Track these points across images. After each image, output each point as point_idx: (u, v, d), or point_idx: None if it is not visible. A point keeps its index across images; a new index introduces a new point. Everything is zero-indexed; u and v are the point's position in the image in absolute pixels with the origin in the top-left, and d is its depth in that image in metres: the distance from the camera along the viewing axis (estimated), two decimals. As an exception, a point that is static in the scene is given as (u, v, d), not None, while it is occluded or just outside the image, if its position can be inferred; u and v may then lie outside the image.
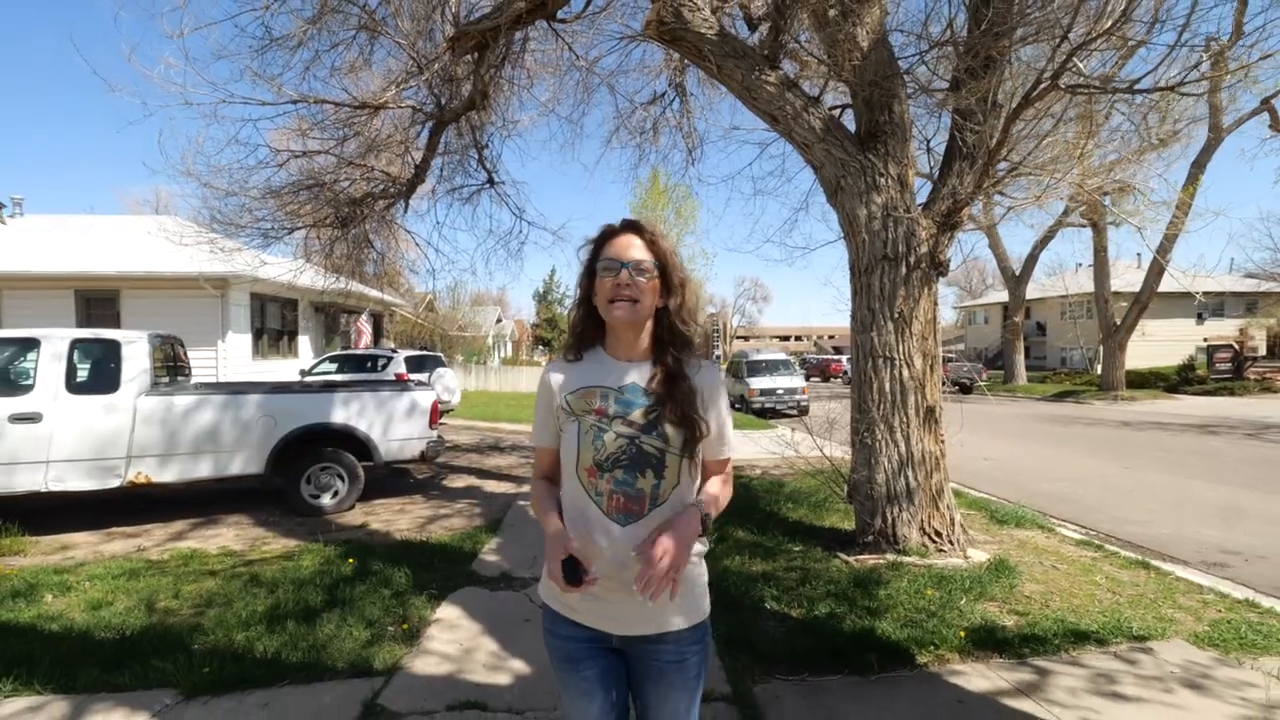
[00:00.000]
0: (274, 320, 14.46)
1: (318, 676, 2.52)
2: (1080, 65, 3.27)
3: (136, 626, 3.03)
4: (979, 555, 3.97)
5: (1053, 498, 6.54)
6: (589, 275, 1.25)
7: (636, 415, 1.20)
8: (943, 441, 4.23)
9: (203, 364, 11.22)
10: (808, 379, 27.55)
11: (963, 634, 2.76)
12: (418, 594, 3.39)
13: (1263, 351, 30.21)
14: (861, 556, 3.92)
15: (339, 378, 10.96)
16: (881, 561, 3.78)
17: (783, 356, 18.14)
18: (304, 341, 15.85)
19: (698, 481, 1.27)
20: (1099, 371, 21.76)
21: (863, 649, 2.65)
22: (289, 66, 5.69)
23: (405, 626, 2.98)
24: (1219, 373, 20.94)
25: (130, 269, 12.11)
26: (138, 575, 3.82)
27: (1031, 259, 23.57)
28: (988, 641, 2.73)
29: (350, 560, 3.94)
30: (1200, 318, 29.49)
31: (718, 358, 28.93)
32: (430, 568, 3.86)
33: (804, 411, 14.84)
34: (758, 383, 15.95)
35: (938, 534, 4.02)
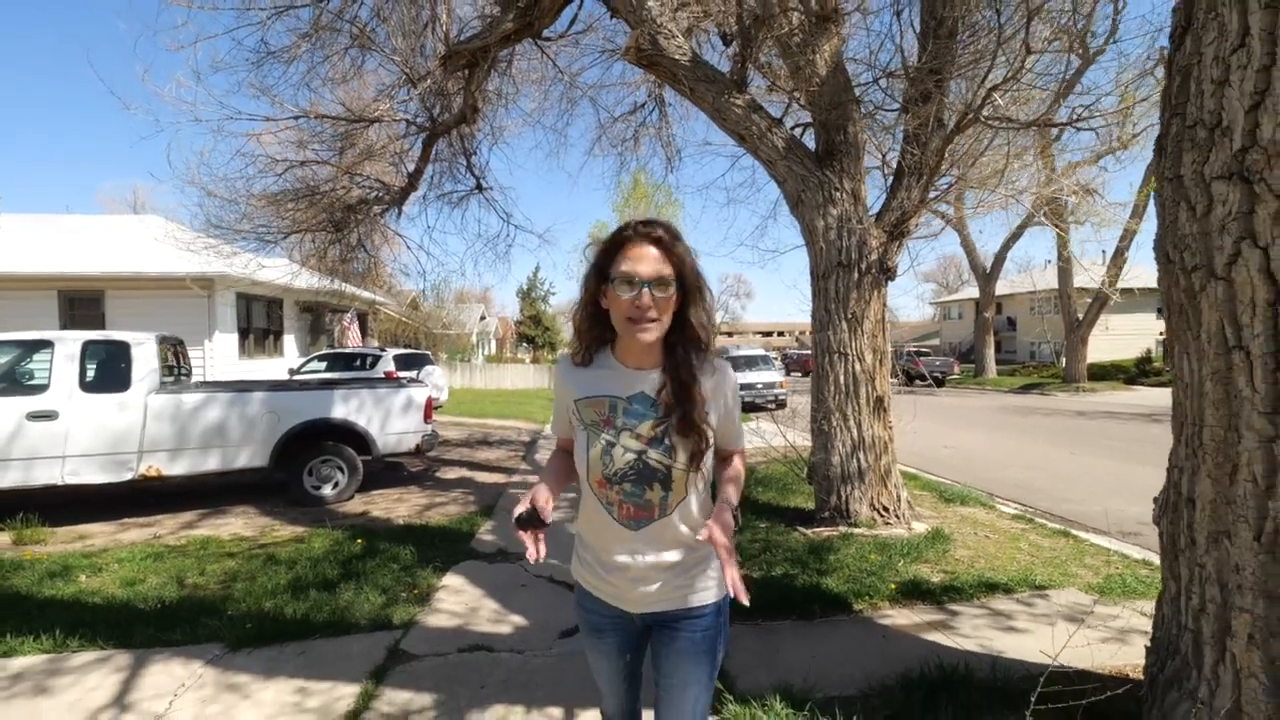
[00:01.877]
0: (260, 320, 14.59)
1: (344, 631, 2.93)
2: (999, 100, 3.78)
3: (173, 597, 3.40)
4: (921, 527, 4.50)
5: (1003, 482, 7.14)
6: (598, 277, 1.20)
7: (644, 429, 1.20)
8: (890, 427, 4.74)
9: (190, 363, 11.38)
10: (789, 373, 28.15)
11: (894, 587, 3.27)
12: (424, 567, 3.81)
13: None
14: (818, 529, 4.42)
15: (330, 375, 11.20)
16: (835, 533, 4.29)
17: (761, 352, 18.71)
18: (289, 341, 15.99)
19: (705, 492, 1.28)
20: (1064, 364, 22.75)
21: (810, 601, 3.13)
22: (285, 79, 6.03)
23: (416, 592, 3.41)
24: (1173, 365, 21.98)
25: (115, 269, 12.17)
26: (161, 558, 4.17)
27: (1000, 257, 24.48)
28: (915, 593, 3.24)
29: (359, 541, 4.34)
30: (1160, 312, 30.72)
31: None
32: (432, 546, 4.27)
33: (782, 405, 15.39)
34: (737, 377, 16.51)
35: (885, 509, 4.54)
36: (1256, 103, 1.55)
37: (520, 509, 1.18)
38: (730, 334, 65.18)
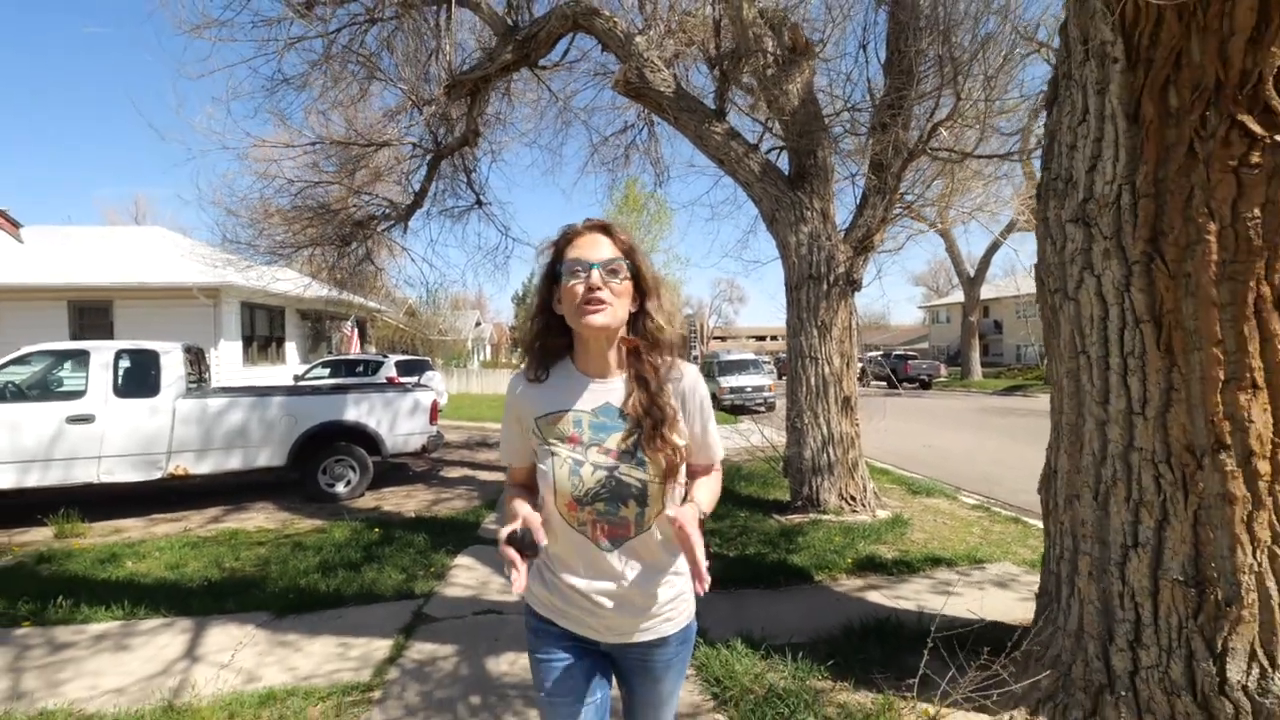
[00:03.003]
0: (262, 328, 15.00)
1: (373, 600, 3.38)
2: (945, 134, 4.30)
3: (216, 577, 3.84)
4: (884, 514, 4.97)
5: (971, 476, 7.63)
6: (549, 280, 1.15)
7: (613, 442, 1.12)
8: (857, 424, 5.23)
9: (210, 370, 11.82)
10: (780, 376, 28.61)
11: (850, 561, 3.74)
12: (437, 550, 4.26)
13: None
14: (790, 517, 4.89)
15: (340, 381, 11.60)
16: (805, 519, 4.76)
17: (751, 357, 19.23)
18: (290, 347, 16.39)
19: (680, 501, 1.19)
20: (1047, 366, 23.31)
21: (777, 574, 3.60)
22: (297, 102, 6.50)
23: (432, 570, 3.86)
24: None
25: (124, 280, 12.55)
26: (197, 546, 4.60)
27: (985, 262, 25.11)
28: (869, 566, 3.72)
29: (376, 530, 4.78)
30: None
31: (695, 359, 29.94)
32: (443, 534, 4.72)
33: (771, 408, 15.89)
34: (728, 381, 17.01)
35: (852, 498, 5.02)
36: (1093, 165, 2.04)
37: (512, 527, 1.07)
38: (723, 338, 65.87)
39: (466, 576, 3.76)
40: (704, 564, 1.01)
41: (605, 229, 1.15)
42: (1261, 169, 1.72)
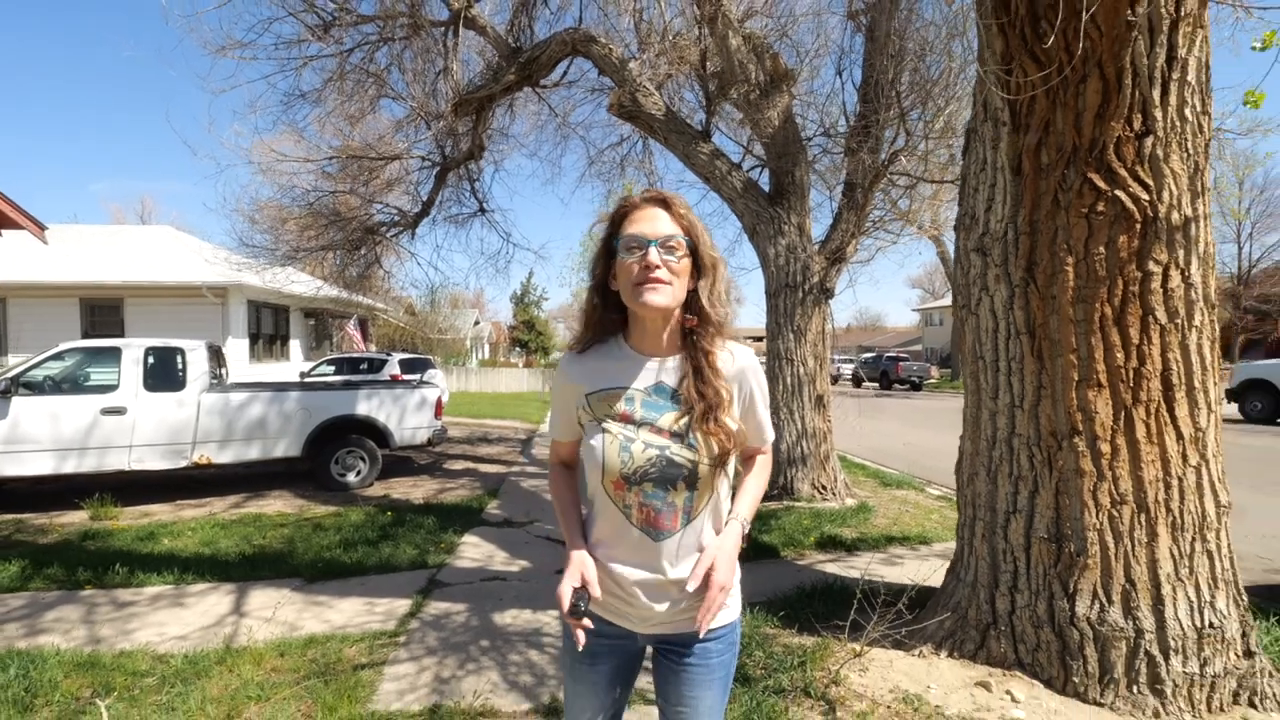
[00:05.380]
0: (268, 326, 15.44)
1: (391, 570, 3.85)
2: (905, 161, 4.79)
3: (248, 551, 4.30)
4: (853, 502, 5.46)
5: (944, 471, 8.10)
6: (606, 256, 1.12)
7: (666, 422, 1.10)
8: (830, 420, 5.71)
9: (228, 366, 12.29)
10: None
11: (814, 540, 4.23)
12: (445, 531, 4.73)
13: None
14: (767, 504, 5.37)
15: (347, 378, 12.06)
16: (780, 506, 5.24)
17: (745, 357, 19.73)
18: (295, 345, 16.84)
19: (728, 497, 1.18)
20: (1033, 369, 23.85)
21: (749, 551, 4.07)
22: (310, 115, 6.97)
23: (442, 546, 4.33)
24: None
25: (135, 279, 12.97)
26: (226, 527, 5.06)
27: (974, 266, 25.65)
28: (830, 544, 4.20)
29: (389, 513, 5.25)
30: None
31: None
32: (450, 517, 5.19)
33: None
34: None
35: (824, 487, 5.50)
36: (989, 206, 2.53)
37: (568, 592, 1.08)
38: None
39: (474, 552, 4.24)
40: (715, 607, 1.06)
41: (664, 202, 1.11)
42: (1105, 216, 2.21)
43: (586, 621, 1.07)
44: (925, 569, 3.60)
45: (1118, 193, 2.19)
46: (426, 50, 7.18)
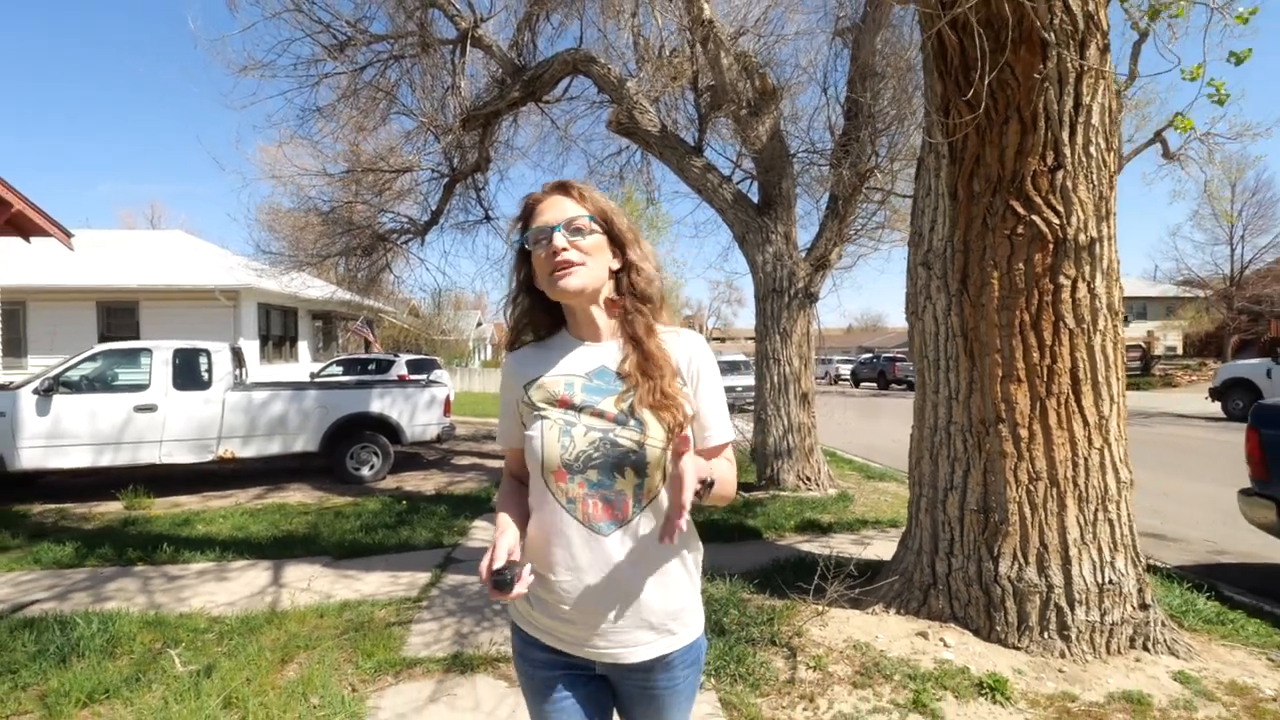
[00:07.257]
0: (277, 327, 15.87)
1: (411, 549, 4.27)
2: (880, 175, 5.20)
3: (279, 535, 4.71)
4: (834, 491, 5.86)
5: (928, 466, 8.52)
6: (523, 257, 1.08)
7: (608, 404, 1.03)
8: (814, 416, 6.11)
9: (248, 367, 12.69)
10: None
11: (794, 524, 4.63)
12: (457, 517, 5.14)
13: (1180, 350, 33.37)
14: (754, 493, 5.78)
15: (357, 378, 12.48)
16: (766, 495, 5.65)
17: (743, 358, 20.15)
18: (303, 347, 17.28)
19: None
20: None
21: (735, 533, 4.48)
22: (324, 129, 7.40)
23: (455, 529, 4.75)
24: (1129, 370, 23.67)
25: (151, 283, 13.40)
26: (254, 515, 5.47)
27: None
28: (809, 528, 4.60)
29: (403, 502, 5.67)
30: (1125, 320, 32.44)
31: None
32: (461, 506, 5.60)
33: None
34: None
35: (808, 478, 5.91)
36: (932, 226, 2.94)
37: (484, 562, 0.98)
38: (723, 339, 66.92)
39: (484, 534, 4.65)
40: (687, 507, 0.87)
41: (564, 188, 1.07)
42: (1024, 237, 2.61)
43: (520, 588, 0.94)
44: (890, 547, 4.00)
45: (1034, 217, 2.59)
46: (435, 67, 7.59)
